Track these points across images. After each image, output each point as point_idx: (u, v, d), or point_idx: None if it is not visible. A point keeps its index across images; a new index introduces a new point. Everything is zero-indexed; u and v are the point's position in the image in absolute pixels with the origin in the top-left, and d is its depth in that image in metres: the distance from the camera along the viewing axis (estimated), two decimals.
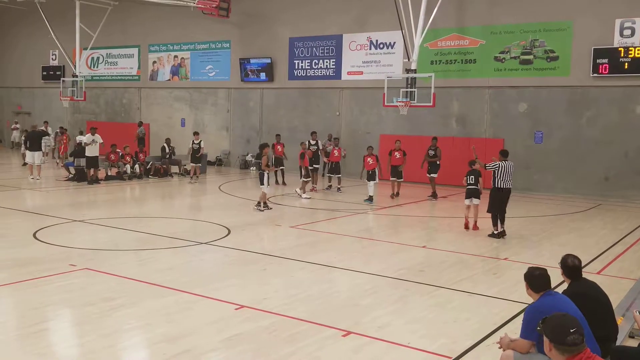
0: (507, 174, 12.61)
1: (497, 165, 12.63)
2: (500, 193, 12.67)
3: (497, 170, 12.63)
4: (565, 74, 20.43)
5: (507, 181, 12.64)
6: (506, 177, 12.60)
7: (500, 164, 12.61)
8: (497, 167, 12.62)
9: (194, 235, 12.13)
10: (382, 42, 24.10)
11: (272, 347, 6.40)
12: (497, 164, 12.66)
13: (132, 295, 8.02)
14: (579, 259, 5.82)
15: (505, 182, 12.62)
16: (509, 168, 12.65)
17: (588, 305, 5.26)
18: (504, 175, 12.59)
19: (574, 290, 5.58)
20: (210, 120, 29.39)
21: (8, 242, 11.15)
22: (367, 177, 17.73)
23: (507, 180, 12.63)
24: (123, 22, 30.73)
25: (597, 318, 5.28)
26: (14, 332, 6.70)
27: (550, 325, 4.03)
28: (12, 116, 36.34)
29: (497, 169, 12.62)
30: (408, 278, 9.31)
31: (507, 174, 12.61)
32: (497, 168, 12.62)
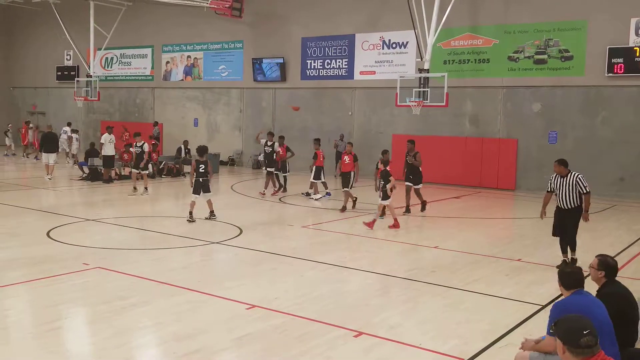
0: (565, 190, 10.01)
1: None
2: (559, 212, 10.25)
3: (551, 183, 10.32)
4: (580, 73, 20.26)
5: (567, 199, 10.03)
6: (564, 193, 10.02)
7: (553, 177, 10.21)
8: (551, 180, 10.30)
9: (205, 234, 12.16)
10: (395, 41, 24.03)
11: (283, 346, 6.39)
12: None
13: (145, 294, 8.05)
14: (615, 260, 5.78)
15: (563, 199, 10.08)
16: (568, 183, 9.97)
17: (620, 307, 5.24)
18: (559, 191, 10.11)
19: (611, 290, 5.52)
20: (223, 120, 29.47)
21: (22, 240, 11.25)
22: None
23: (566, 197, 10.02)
24: (137, 22, 30.89)
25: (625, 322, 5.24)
26: (29, 330, 6.75)
27: (563, 327, 3.98)
28: (27, 116, 36.65)
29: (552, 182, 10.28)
30: (419, 278, 9.26)
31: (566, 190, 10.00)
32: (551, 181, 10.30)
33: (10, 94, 38.57)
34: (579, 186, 9.87)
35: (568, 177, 9.97)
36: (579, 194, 9.92)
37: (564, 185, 9.98)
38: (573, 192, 9.92)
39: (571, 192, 9.93)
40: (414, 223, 14.34)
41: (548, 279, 9.23)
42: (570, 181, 9.93)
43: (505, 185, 21.57)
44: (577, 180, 9.91)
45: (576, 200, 9.95)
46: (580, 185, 9.86)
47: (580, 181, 9.88)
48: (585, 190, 9.88)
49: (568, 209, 9.99)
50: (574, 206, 9.95)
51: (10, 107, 38.35)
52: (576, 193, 9.91)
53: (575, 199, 9.93)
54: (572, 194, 9.93)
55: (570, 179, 9.95)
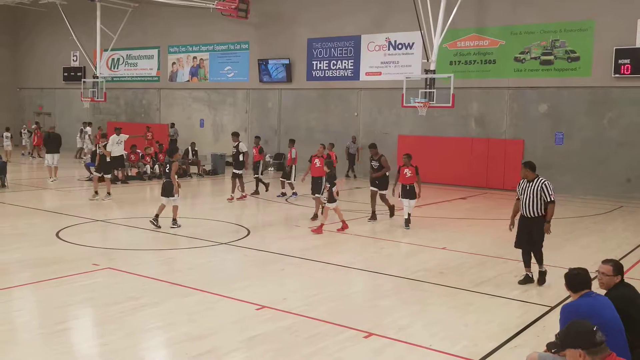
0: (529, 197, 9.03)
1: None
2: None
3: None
4: (587, 74, 20.23)
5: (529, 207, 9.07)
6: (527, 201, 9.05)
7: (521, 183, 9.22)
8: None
9: (213, 235, 12.19)
10: (401, 42, 24.05)
11: (293, 347, 6.42)
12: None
13: (155, 295, 8.09)
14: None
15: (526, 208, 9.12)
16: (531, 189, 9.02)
17: (632, 309, 5.24)
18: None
19: (621, 292, 5.51)
20: (229, 121, 29.54)
21: (32, 241, 11.31)
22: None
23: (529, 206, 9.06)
24: (143, 23, 31.00)
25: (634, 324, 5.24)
26: (39, 331, 6.80)
27: (572, 335, 3.95)
28: (33, 116, 36.80)
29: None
30: (428, 280, 9.29)
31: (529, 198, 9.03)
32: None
33: (17, 94, 38.74)
34: (544, 193, 8.87)
35: (534, 183, 8.96)
36: (544, 202, 8.94)
37: (529, 192, 8.97)
38: (538, 200, 8.92)
39: (536, 200, 8.92)
40: (421, 224, 14.34)
41: (556, 280, 9.21)
42: (535, 187, 8.93)
43: (511, 186, 21.43)
44: (542, 187, 8.89)
45: (541, 209, 8.96)
46: (545, 192, 8.87)
47: (546, 188, 8.89)
48: (549, 199, 8.88)
49: (532, 218, 8.98)
50: (538, 215, 8.96)
51: (17, 107, 38.50)
52: (541, 201, 8.92)
53: (540, 207, 8.94)
54: (536, 201, 8.92)
55: (536, 184, 8.94)
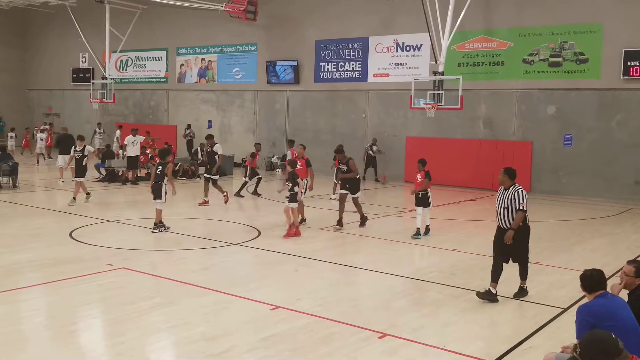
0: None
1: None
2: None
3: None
4: (595, 76, 20.22)
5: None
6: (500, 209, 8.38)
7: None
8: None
9: (225, 236, 12.26)
10: (409, 44, 24.09)
11: (309, 347, 6.49)
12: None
13: (169, 295, 8.17)
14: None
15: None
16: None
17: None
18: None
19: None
20: (237, 122, 29.64)
21: (46, 241, 11.42)
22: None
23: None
24: (151, 25, 31.13)
25: None
26: (56, 330, 6.88)
27: (595, 348, 3.94)
28: (43, 117, 37.00)
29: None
30: (440, 281, 9.33)
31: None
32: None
33: (26, 96, 38.95)
34: (515, 201, 8.18)
35: (509, 191, 8.30)
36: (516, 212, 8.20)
37: (504, 200, 8.30)
38: (512, 209, 8.20)
39: (511, 209, 8.21)
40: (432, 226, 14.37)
41: (568, 281, 9.28)
42: (509, 195, 8.26)
43: None
44: (514, 195, 8.21)
45: (511, 219, 8.24)
46: (517, 200, 8.16)
47: (519, 195, 8.17)
48: (519, 207, 8.13)
49: (505, 229, 8.29)
50: (510, 225, 8.22)
51: (26, 108, 38.72)
52: (514, 210, 8.21)
53: (511, 216, 8.23)
54: (511, 210, 8.21)
55: (510, 192, 8.27)
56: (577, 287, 5.47)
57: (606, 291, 5.26)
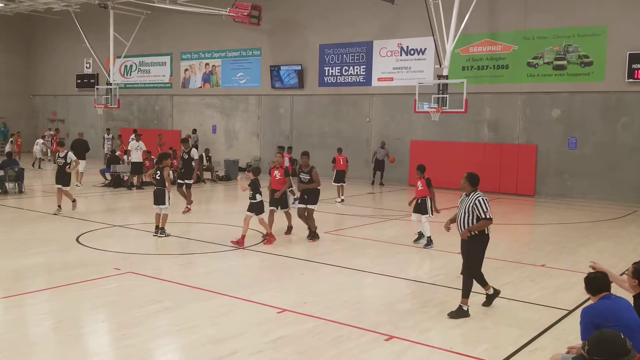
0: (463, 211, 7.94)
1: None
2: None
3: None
4: (600, 79, 20.24)
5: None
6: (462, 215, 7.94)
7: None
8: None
9: (230, 240, 12.28)
10: (413, 48, 24.14)
11: (317, 349, 6.51)
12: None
13: (177, 299, 8.21)
14: None
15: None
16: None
17: None
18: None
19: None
20: (241, 126, 29.72)
21: (53, 246, 11.47)
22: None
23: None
24: (155, 30, 31.28)
25: None
26: (65, 334, 6.92)
27: (604, 347, 3.97)
28: (47, 123, 37.16)
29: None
30: (446, 284, 9.35)
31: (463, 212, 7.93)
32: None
33: (30, 101, 39.13)
34: (477, 209, 7.70)
35: (470, 197, 7.89)
36: (477, 220, 7.77)
37: (464, 206, 7.89)
38: (471, 216, 7.79)
39: (470, 216, 7.79)
40: (436, 229, 14.38)
41: (574, 284, 9.29)
42: (469, 202, 7.82)
43: (525, 191, 21.57)
44: (475, 203, 7.73)
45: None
46: (479, 208, 7.69)
47: (480, 204, 7.71)
48: (484, 215, 7.69)
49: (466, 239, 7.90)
50: (471, 234, 7.83)
51: (30, 114, 38.89)
52: (474, 218, 7.77)
53: (472, 225, 7.80)
54: (470, 218, 7.79)
55: (471, 199, 7.83)
56: (583, 290, 5.49)
57: (610, 293, 5.28)
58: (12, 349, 6.33)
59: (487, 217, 7.73)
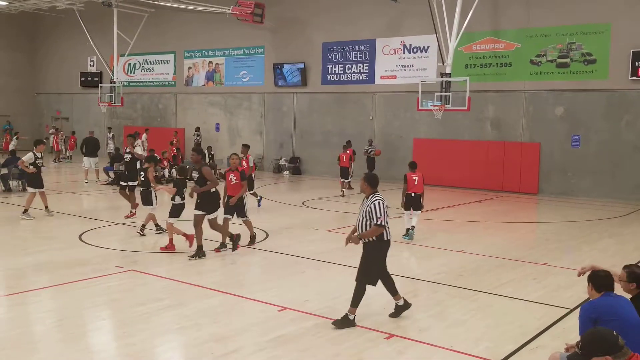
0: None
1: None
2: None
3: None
4: (604, 77, 20.18)
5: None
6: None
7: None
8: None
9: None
10: (416, 46, 24.11)
11: (317, 348, 6.54)
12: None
13: (178, 297, 8.25)
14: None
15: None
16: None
17: None
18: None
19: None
20: (244, 124, 29.74)
21: (56, 244, 11.53)
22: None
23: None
24: (159, 28, 31.29)
25: None
26: (67, 332, 6.96)
27: (596, 343, 3.99)
28: (51, 121, 37.25)
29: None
30: (447, 282, 9.36)
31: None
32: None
33: (34, 99, 39.23)
34: (372, 214, 7.20)
35: (368, 200, 7.36)
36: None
37: (362, 210, 7.38)
38: (368, 220, 7.25)
39: (367, 220, 7.26)
40: (438, 227, 14.40)
41: (575, 282, 9.24)
42: (366, 205, 7.32)
43: (528, 189, 21.54)
44: (371, 207, 7.22)
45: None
46: (373, 212, 7.18)
47: (375, 208, 7.19)
48: (376, 221, 7.15)
49: (364, 243, 7.42)
50: (368, 239, 7.31)
51: (34, 112, 38.99)
52: (371, 222, 7.24)
53: (368, 229, 7.27)
54: (367, 221, 7.26)
55: (369, 202, 7.31)
56: (584, 288, 5.49)
57: (612, 291, 5.28)
58: (14, 347, 6.38)
59: (378, 223, 7.13)
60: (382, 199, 7.30)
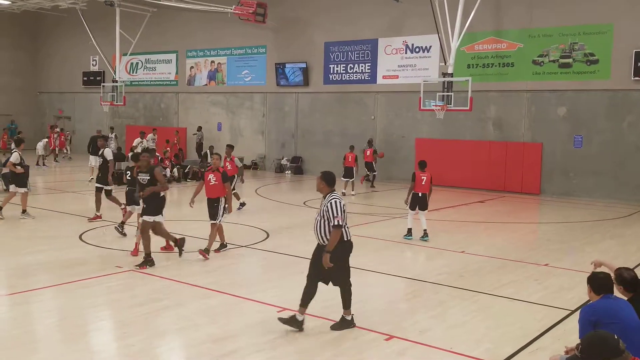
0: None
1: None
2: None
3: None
4: (606, 77, 20.12)
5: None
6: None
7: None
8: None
9: (233, 238, 12.28)
10: (418, 46, 24.07)
11: (316, 349, 6.51)
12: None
13: (178, 297, 8.23)
14: (634, 271, 5.64)
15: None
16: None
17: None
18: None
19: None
20: (246, 124, 29.73)
21: (56, 244, 11.51)
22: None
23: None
24: (161, 28, 31.28)
25: None
26: (66, 332, 6.95)
27: (596, 347, 3.94)
28: (54, 120, 37.27)
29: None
30: (448, 283, 9.32)
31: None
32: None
33: (36, 98, 39.26)
34: (328, 213, 6.83)
35: (325, 199, 6.97)
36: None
37: (319, 210, 7.04)
38: (326, 221, 6.88)
39: (325, 221, 6.89)
40: (440, 228, 14.35)
41: (577, 284, 9.23)
42: (324, 205, 6.94)
43: (530, 189, 21.49)
44: (327, 206, 6.84)
45: (328, 234, 6.92)
46: (330, 212, 6.81)
47: (331, 207, 6.81)
48: (334, 221, 6.79)
49: (322, 245, 7.03)
50: (326, 241, 6.99)
51: (36, 111, 39.02)
52: (329, 223, 6.88)
53: (328, 230, 6.89)
54: (325, 223, 6.89)
55: (326, 201, 6.94)
56: (585, 290, 5.45)
57: (611, 294, 5.25)
58: (16, 346, 6.37)
59: (336, 223, 6.76)
60: (340, 198, 6.97)
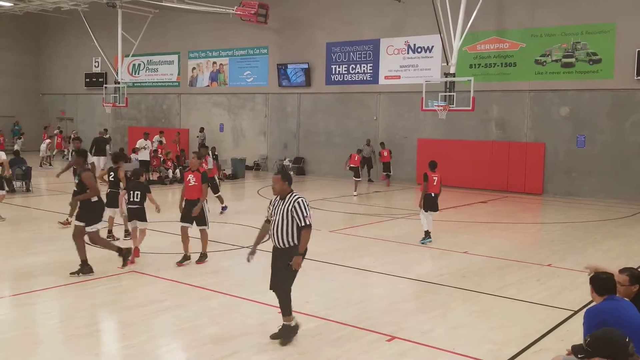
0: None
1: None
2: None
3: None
4: (609, 76, 20.06)
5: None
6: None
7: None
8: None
9: (235, 239, 12.29)
10: (420, 46, 24.04)
11: (317, 350, 6.48)
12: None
13: (179, 298, 8.20)
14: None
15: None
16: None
17: None
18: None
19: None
20: (248, 125, 29.72)
21: (57, 245, 11.48)
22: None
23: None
24: (163, 29, 31.32)
25: None
26: (66, 333, 6.92)
27: (605, 343, 3.89)
28: (56, 122, 37.31)
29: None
30: (450, 283, 9.28)
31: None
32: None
33: (39, 99, 39.32)
34: (296, 214, 6.52)
35: (286, 200, 6.62)
36: (297, 228, 6.57)
37: (279, 212, 6.60)
38: (290, 223, 6.55)
39: (288, 222, 6.55)
40: (442, 228, 14.31)
41: (579, 284, 9.17)
42: (286, 206, 6.57)
43: (533, 189, 21.43)
44: (295, 205, 6.52)
45: (293, 237, 6.59)
46: (298, 212, 6.51)
47: (299, 206, 6.52)
48: (303, 222, 6.52)
49: (283, 249, 6.65)
50: (289, 245, 6.60)
51: (39, 113, 39.06)
52: (294, 225, 6.56)
53: (291, 233, 6.57)
54: (286, 225, 6.56)
55: (287, 203, 6.58)
56: (589, 290, 5.41)
57: (615, 295, 5.20)
58: (17, 347, 6.36)
59: (307, 223, 6.50)
60: (304, 197, 6.67)
